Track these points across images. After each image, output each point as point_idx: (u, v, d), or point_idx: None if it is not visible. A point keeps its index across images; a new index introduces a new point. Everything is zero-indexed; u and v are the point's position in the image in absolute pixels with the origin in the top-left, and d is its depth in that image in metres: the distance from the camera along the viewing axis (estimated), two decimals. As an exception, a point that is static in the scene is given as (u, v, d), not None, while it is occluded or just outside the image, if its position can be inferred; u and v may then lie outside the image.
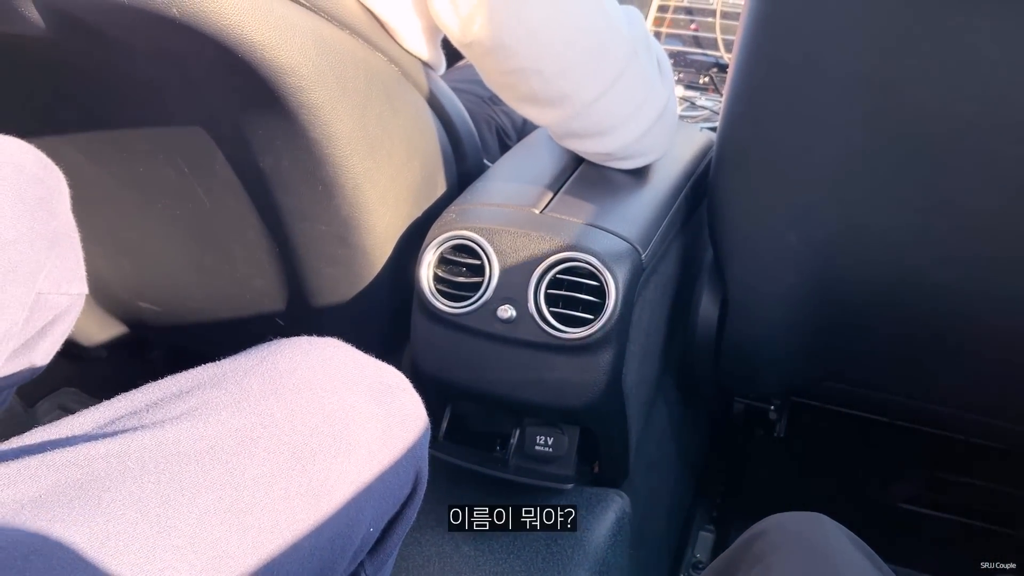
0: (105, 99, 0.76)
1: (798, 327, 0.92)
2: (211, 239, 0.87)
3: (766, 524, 0.56)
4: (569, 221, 0.79)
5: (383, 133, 0.77)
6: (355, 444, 0.51)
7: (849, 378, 1.02)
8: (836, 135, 0.73)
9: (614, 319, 0.74)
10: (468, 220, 0.79)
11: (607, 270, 0.74)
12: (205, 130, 0.75)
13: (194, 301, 0.97)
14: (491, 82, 0.82)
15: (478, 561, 0.81)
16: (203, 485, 0.46)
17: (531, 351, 0.77)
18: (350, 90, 0.71)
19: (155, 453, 0.46)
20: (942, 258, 0.78)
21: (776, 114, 0.75)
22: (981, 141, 0.68)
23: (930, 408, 1.02)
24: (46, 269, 0.60)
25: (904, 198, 0.75)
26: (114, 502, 0.44)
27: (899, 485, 1.22)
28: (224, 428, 0.48)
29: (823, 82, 0.70)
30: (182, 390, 0.50)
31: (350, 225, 0.78)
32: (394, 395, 0.56)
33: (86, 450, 0.46)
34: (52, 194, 0.62)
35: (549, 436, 0.84)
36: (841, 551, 0.52)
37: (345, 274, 0.83)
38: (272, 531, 0.47)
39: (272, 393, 0.50)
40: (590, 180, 0.88)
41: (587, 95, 0.79)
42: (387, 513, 0.55)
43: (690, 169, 0.95)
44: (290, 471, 0.48)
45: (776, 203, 0.81)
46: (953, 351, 0.88)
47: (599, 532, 0.83)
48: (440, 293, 0.78)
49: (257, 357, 0.52)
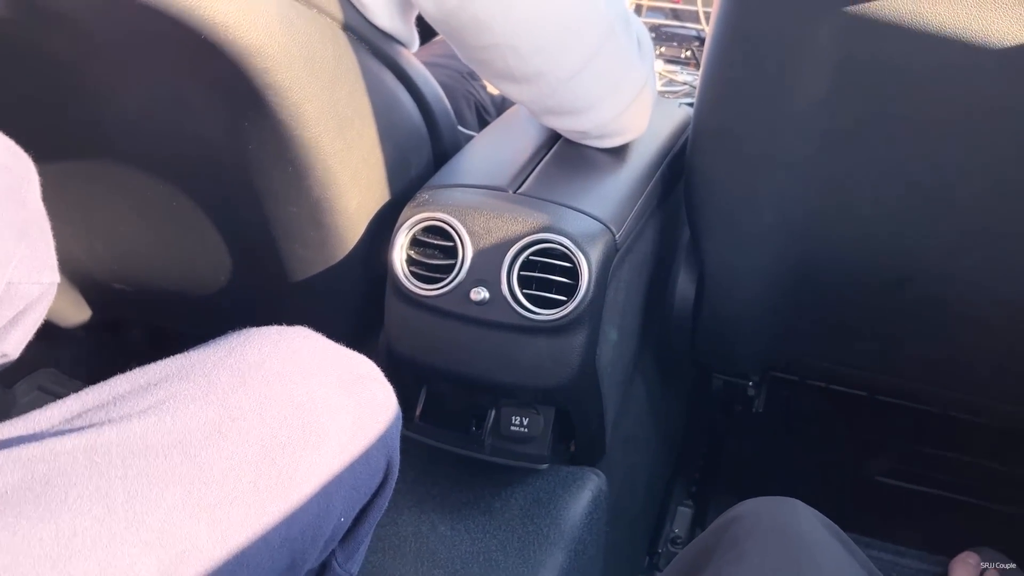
0: (73, 84, 0.74)
1: (775, 304, 0.93)
2: (183, 221, 0.86)
3: (740, 509, 0.56)
4: (543, 202, 0.79)
5: (354, 113, 0.76)
6: (325, 435, 0.51)
7: (827, 354, 1.02)
8: (812, 113, 0.72)
9: (587, 300, 0.74)
10: (441, 201, 0.78)
11: (580, 251, 0.74)
12: (174, 113, 0.74)
13: (168, 282, 0.96)
14: (466, 58, 0.81)
15: (454, 540, 0.81)
16: (171, 479, 0.46)
17: (505, 333, 0.77)
18: (318, 70, 0.70)
19: (122, 447, 0.46)
20: (920, 235, 0.78)
21: (752, 91, 0.74)
22: (962, 118, 0.68)
23: (909, 384, 1.03)
24: (16, 259, 0.59)
25: (882, 176, 0.75)
26: (81, 497, 0.44)
27: (878, 459, 1.24)
28: (192, 421, 0.47)
29: (799, 58, 0.69)
30: (150, 382, 0.50)
31: (322, 207, 0.77)
32: (364, 385, 0.56)
33: (52, 445, 0.46)
34: (21, 183, 0.61)
35: (525, 416, 0.84)
36: (814, 536, 0.52)
37: (318, 255, 0.83)
38: (242, 524, 0.47)
39: (241, 385, 0.50)
40: (565, 159, 0.87)
41: (562, 72, 0.78)
42: (358, 503, 0.56)
43: (668, 146, 0.95)
44: (259, 463, 0.48)
45: (752, 181, 0.81)
46: (931, 328, 0.89)
47: (575, 510, 0.84)
48: (413, 275, 0.78)
49: (226, 348, 0.52)
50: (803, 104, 0.72)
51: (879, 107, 0.70)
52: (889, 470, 1.22)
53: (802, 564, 0.51)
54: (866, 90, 0.69)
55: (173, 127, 0.76)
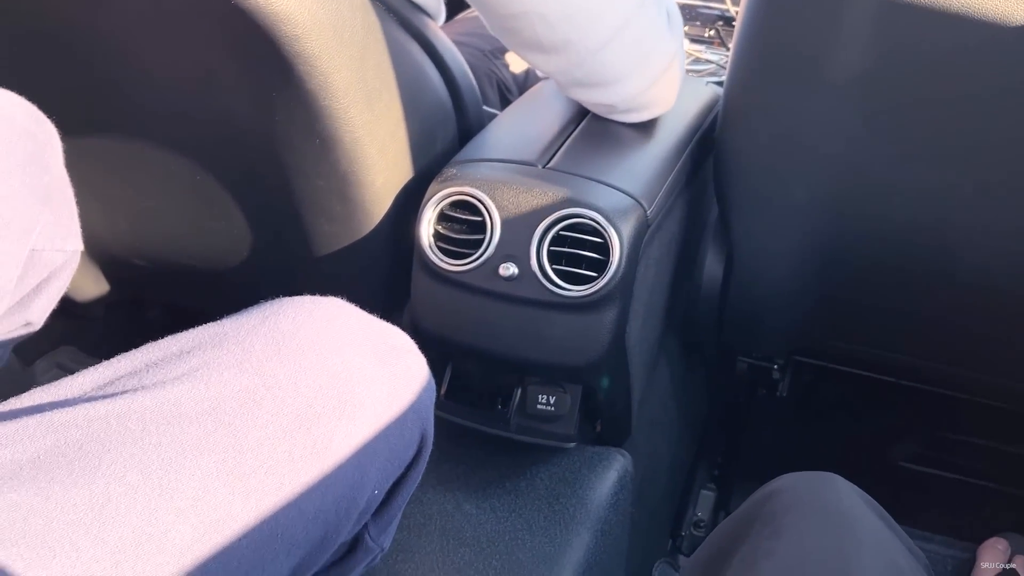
0: (97, 55, 0.73)
1: (803, 284, 0.91)
2: (207, 196, 0.85)
3: (778, 484, 0.55)
4: (573, 176, 0.77)
5: (382, 85, 0.74)
6: (360, 405, 0.50)
7: (854, 336, 1.01)
8: (847, 90, 0.71)
9: (618, 277, 0.73)
10: (469, 175, 0.77)
11: (611, 227, 0.73)
12: (200, 84, 0.73)
13: (190, 259, 0.95)
14: (494, 27, 0.80)
15: (479, 519, 0.81)
16: (205, 447, 0.45)
17: (533, 309, 0.76)
18: (348, 40, 0.68)
19: (156, 414, 0.45)
20: (957, 212, 0.76)
21: (785, 68, 0.73)
22: (998, 94, 0.66)
23: (936, 367, 1.01)
24: (40, 225, 0.59)
25: (917, 154, 0.74)
26: (115, 464, 0.43)
27: (903, 445, 1.22)
28: (226, 389, 0.47)
29: (834, 35, 0.68)
30: (183, 350, 0.49)
31: (349, 180, 0.76)
32: (399, 356, 0.55)
33: (86, 411, 0.45)
34: (44, 148, 0.60)
35: (551, 395, 0.83)
36: (855, 512, 0.51)
37: (343, 231, 0.82)
38: (276, 494, 0.46)
39: (275, 353, 0.49)
40: (594, 134, 0.86)
41: (592, 42, 0.76)
42: (392, 475, 0.55)
43: (696, 124, 0.93)
44: (294, 433, 0.47)
45: (784, 159, 0.80)
46: (962, 309, 0.87)
47: (601, 491, 0.83)
48: (441, 250, 0.77)
49: (259, 316, 0.51)
50: (837, 81, 0.71)
51: (915, 84, 0.68)
52: (914, 456, 1.21)
53: (844, 540, 0.50)
54: (903, 67, 0.68)
55: (199, 100, 0.75)
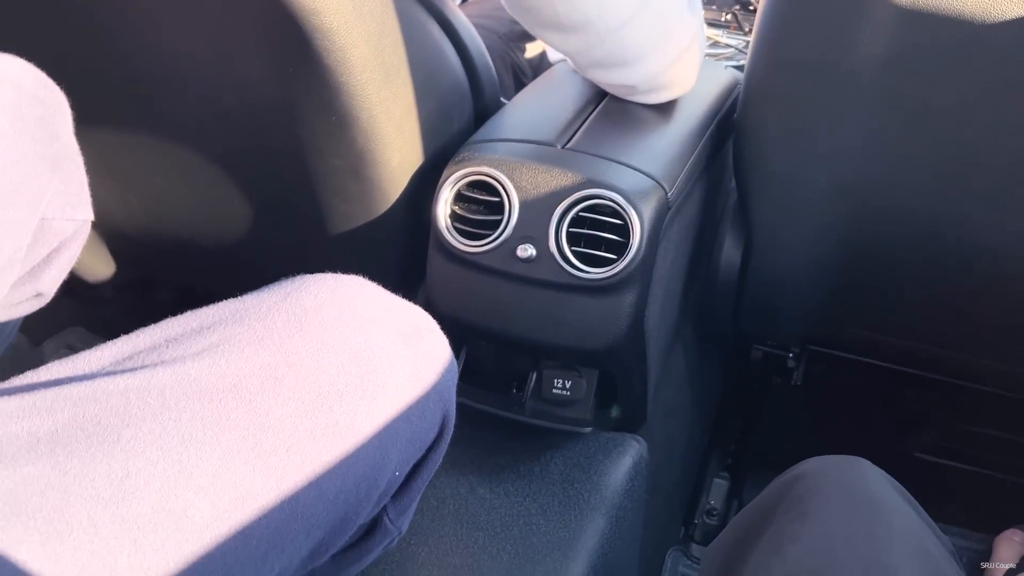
0: (110, 30, 0.72)
1: (822, 271, 0.90)
2: (220, 175, 0.84)
3: (804, 467, 0.54)
4: (592, 157, 0.76)
5: (399, 62, 0.73)
6: (383, 385, 0.49)
7: (871, 324, 1.00)
8: (870, 74, 0.69)
9: (638, 259, 0.72)
10: (487, 155, 0.76)
11: (632, 208, 0.71)
12: (216, 60, 0.72)
13: (203, 237, 0.94)
14: (512, 7, 0.79)
15: (493, 503, 0.80)
16: (226, 424, 0.44)
17: (551, 291, 0.74)
18: (366, 15, 0.67)
19: (176, 390, 0.44)
20: (983, 200, 0.75)
21: (808, 51, 0.71)
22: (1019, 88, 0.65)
23: (953, 356, 1.00)
24: (50, 193, 0.57)
25: (940, 141, 0.72)
26: (134, 439, 0.42)
27: (918, 435, 1.22)
28: (248, 366, 0.46)
29: (858, 17, 0.66)
30: (203, 325, 0.48)
31: (365, 159, 0.75)
32: (422, 336, 0.54)
33: (104, 385, 0.44)
34: (53, 114, 0.58)
35: (567, 379, 0.82)
36: (883, 496, 0.50)
37: (358, 210, 0.81)
38: (297, 472, 0.45)
39: (297, 330, 0.48)
40: (613, 115, 0.84)
41: (612, 21, 0.75)
42: (413, 456, 0.54)
43: (716, 107, 0.92)
44: (316, 411, 0.46)
45: (807, 144, 0.78)
46: (982, 297, 0.86)
47: (616, 476, 0.82)
48: (457, 231, 0.76)
49: (280, 293, 0.50)
50: (861, 65, 0.69)
51: (939, 69, 0.67)
52: (929, 446, 1.20)
53: (873, 524, 0.49)
54: (927, 50, 0.66)
55: (215, 76, 0.74)
